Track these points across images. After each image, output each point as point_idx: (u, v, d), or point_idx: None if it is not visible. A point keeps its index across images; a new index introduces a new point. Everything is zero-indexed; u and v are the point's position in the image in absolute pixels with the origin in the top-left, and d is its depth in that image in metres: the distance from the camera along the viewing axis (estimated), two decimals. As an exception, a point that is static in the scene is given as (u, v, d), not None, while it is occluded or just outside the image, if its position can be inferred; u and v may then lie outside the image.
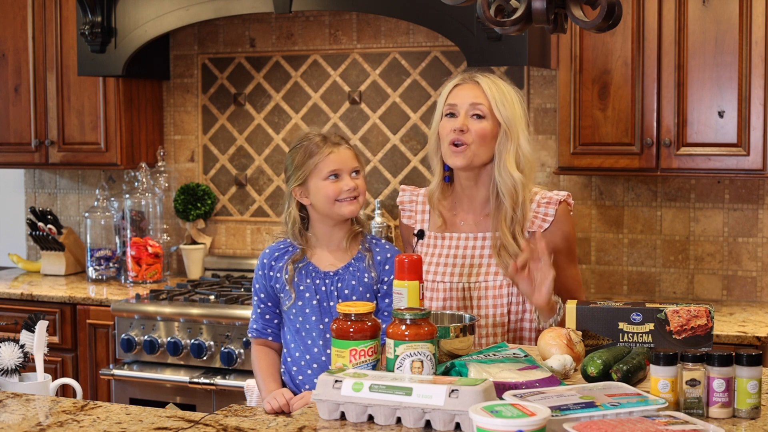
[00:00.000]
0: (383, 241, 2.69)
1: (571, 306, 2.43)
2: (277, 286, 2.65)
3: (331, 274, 2.61)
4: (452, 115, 2.69)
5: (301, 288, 2.61)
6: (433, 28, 3.70)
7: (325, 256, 2.63)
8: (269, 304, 2.67)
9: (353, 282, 2.59)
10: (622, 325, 2.37)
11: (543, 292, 2.54)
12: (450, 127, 2.67)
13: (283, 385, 2.67)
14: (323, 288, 2.60)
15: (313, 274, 2.61)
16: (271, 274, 2.65)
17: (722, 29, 3.48)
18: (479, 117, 2.66)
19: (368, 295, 2.59)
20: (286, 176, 2.65)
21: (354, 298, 2.58)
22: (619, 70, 3.61)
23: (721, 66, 3.49)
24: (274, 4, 3.90)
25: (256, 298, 2.70)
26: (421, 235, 2.77)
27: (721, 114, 3.51)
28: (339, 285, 2.59)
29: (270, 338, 2.68)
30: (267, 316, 2.68)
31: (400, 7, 3.74)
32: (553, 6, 1.95)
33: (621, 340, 2.37)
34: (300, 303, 2.61)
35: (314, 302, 2.60)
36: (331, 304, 2.58)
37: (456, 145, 2.66)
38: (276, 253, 2.67)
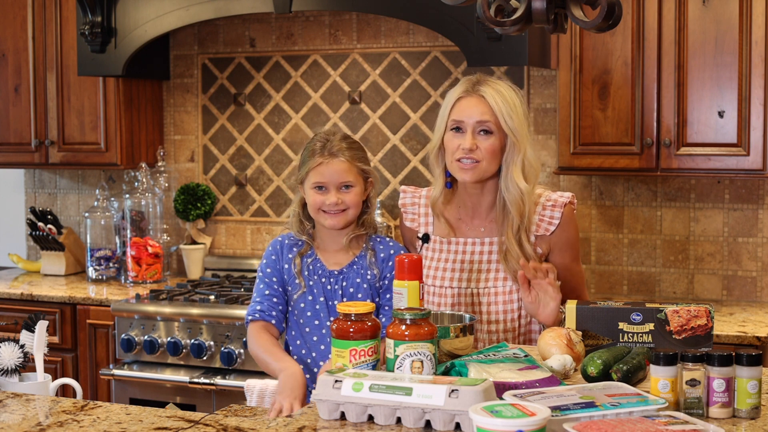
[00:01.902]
0: (387, 238, 2.69)
1: (571, 306, 2.43)
2: (286, 277, 2.65)
3: (336, 272, 2.62)
4: (458, 129, 2.66)
5: (311, 283, 2.63)
6: (433, 28, 3.70)
7: (331, 255, 2.65)
8: (279, 288, 2.64)
9: (358, 280, 2.61)
10: (622, 325, 2.37)
11: (548, 313, 2.55)
12: (457, 143, 2.64)
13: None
14: (329, 287, 2.61)
15: (320, 272, 2.63)
16: (281, 260, 2.66)
17: (722, 29, 3.48)
18: (487, 132, 2.64)
19: (372, 293, 2.61)
20: None
21: (359, 296, 2.59)
22: (619, 70, 3.60)
23: (721, 66, 3.49)
24: (274, 4, 3.90)
25: (267, 279, 2.64)
26: (426, 239, 2.77)
27: (721, 114, 3.51)
28: (344, 284, 2.61)
29: (273, 321, 2.62)
30: (275, 299, 2.63)
31: (400, 7, 3.74)
32: (553, 6, 1.95)
33: (621, 340, 2.37)
34: (310, 298, 2.62)
35: (321, 299, 2.61)
36: (336, 303, 2.59)
37: (465, 161, 2.64)
38: (287, 241, 2.68)
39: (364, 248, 2.64)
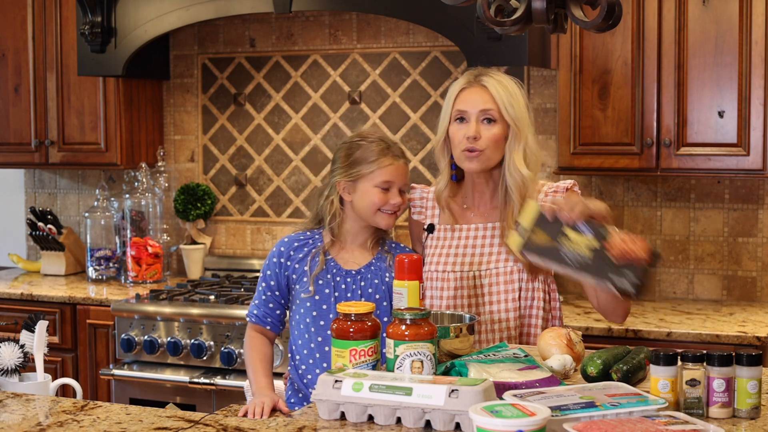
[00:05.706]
0: (402, 244, 2.73)
1: (533, 204, 2.33)
2: (294, 276, 2.64)
3: (353, 272, 2.62)
4: (462, 119, 2.71)
5: (320, 282, 2.62)
6: (433, 28, 3.70)
7: (348, 254, 2.66)
8: (277, 293, 2.66)
9: (376, 281, 2.62)
10: (567, 231, 2.26)
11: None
12: (462, 133, 2.69)
13: (291, 383, 2.66)
14: (343, 286, 2.61)
15: (334, 270, 2.63)
16: (288, 263, 2.64)
17: (722, 29, 3.48)
18: (490, 121, 2.69)
19: (391, 294, 2.62)
20: (333, 166, 2.66)
21: (377, 297, 2.61)
22: (619, 70, 3.60)
23: (721, 66, 3.49)
24: (274, 4, 3.90)
25: (264, 284, 2.67)
26: (431, 229, 2.79)
27: (721, 114, 3.51)
28: (362, 284, 2.61)
29: (268, 327, 2.67)
30: (271, 305, 2.67)
31: (400, 7, 3.74)
32: (553, 6, 1.95)
33: (562, 248, 2.24)
34: (317, 297, 2.61)
35: (332, 299, 2.61)
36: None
37: (470, 151, 2.68)
38: (296, 243, 2.67)
39: (381, 251, 2.67)
